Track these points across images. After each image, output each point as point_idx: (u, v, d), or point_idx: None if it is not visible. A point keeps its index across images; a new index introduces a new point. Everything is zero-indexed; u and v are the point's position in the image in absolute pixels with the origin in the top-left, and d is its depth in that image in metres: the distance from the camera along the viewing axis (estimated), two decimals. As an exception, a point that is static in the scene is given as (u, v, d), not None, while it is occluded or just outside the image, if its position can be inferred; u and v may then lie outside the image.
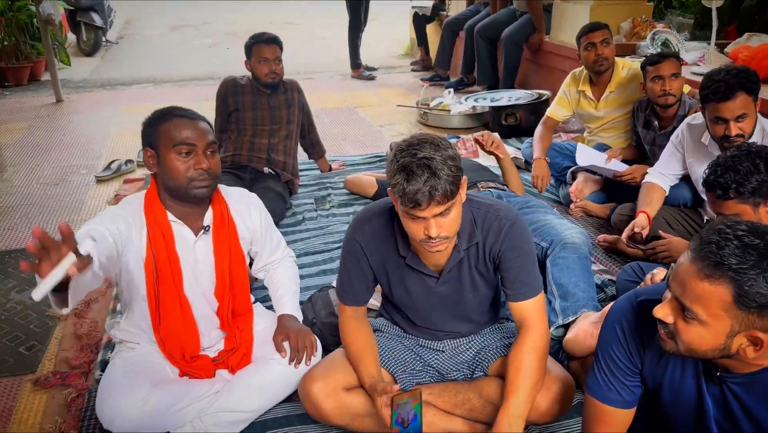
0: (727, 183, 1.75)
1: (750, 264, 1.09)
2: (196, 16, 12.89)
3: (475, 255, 1.75)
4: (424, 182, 1.47)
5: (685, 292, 1.16)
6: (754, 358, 1.19)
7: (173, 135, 1.77)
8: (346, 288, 1.85)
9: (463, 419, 1.85)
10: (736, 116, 2.28)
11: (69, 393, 2.11)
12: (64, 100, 6.01)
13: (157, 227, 1.83)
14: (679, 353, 1.24)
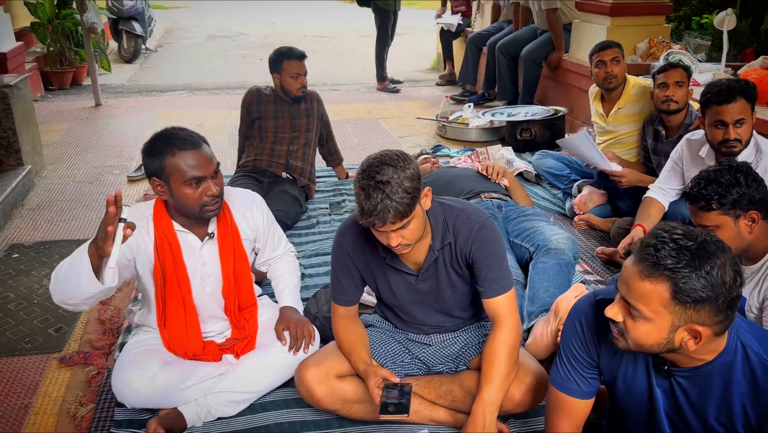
0: (709, 195, 1.84)
1: (684, 264, 1.22)
2: (233, 27, 13.30)
3: (449, 255, 1.89)
4: (377, 204, 1.62)
5: (629, 292, 1.29)
6: (695, 351, 1.31)
7: (182, 170, 1.86)
8: (337, 289, 2.01)
9: (446, 409, 1.99)
10: (735, 120, 2.38)
11: (90, 371, 2.31)
12: (103, 104, 6.33)
13: (165, 237, 1.98)
14: (629, 349, 1.36)
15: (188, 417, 1.97)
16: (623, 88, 3.56)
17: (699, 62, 4.36)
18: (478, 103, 6.05)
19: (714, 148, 2.52)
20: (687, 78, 3.11)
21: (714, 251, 1.24)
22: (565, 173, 3.71)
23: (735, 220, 1.83)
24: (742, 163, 1.90)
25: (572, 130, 4.92)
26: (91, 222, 3.61)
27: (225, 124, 5.69)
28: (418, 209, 1.72)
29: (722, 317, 1.25)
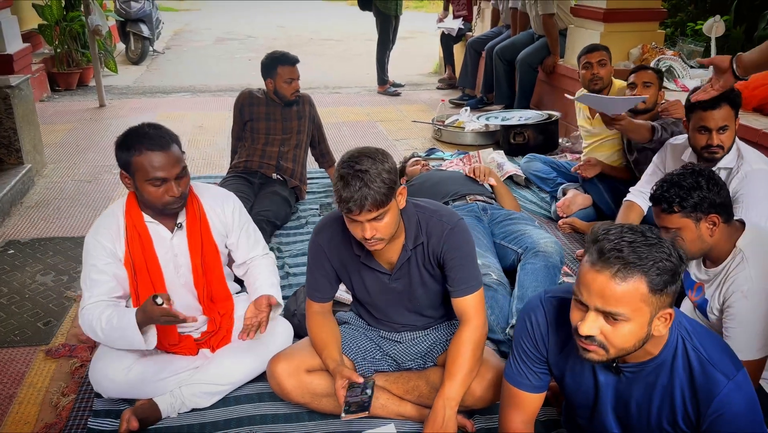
0: (671, 197, 1.88)
1: (646, 256, 1.28)
2: (242, 30, 13.42)
3: (422, 254, 1.95)
4: (356, 191, 1.68)
5: (606, 300, 1.31)
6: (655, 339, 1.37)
7: (147, 170, 1.94)
8: (312, 286, 2.07)
9: (413, 404, 2.05)
10: (719, 126, 2.41)
11: (74, 363, 2.39)
12: (107, 105, 6.44)
13: (134, 229, 2.07)
14: (610, 359, 1.38)
15: (163, 408, 2.04)
16: (609, 90, 3.60)
17: (690, 68, 4.39)
18: (477, 107, 6.10)
19: (696, 153, 2.55)
20: (658, 80, 3.18)
21: (657, 235, 1.32)
22: (551, 176, 3.76)
23: (696, 223, 1.86)
24: (705, 168, 1.95)
25: (566, 134, 4.97)
26: (87, 220, 3.69)
27: (225, 126, 5.73)
28: (393, 204, 1.78)
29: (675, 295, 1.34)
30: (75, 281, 3.01)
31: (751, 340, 1.79)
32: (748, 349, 1.77)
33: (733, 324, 1.83)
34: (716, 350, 1.42)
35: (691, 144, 2.56)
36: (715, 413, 1.36)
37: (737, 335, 1.80)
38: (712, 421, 1.36)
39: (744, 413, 1.35)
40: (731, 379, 1.36)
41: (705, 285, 2.00)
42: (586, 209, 3.50)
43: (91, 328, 2.02)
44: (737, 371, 1.38)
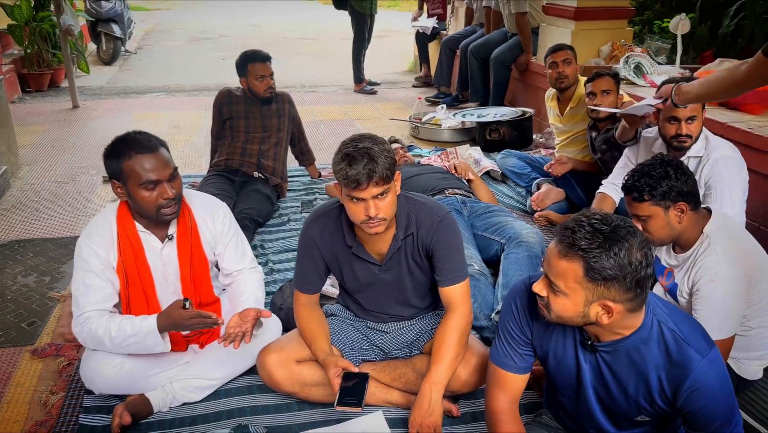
0: (641, 187, 1.97)
1: (596, 245, 1.35)
2: (216, 29, 13.34)
3: (411, 245, 2.01)
4: (363, 166, 1.75)
5: (550, 269, 1.43)
6: (612, 325, 1.44)
7: (138, 173, 1.94)
8: (301, 277, 2.11)
9: (400, 391, 2.12)
10: (687, 117, 2.52)
11: (61, 362, 2.40)
12: (80, 106, 6.38)
13: (127, 238, 2.07)
14: (553, 320, 1.49)
15: (154, 402, 2.07)
16: (575, 88, 3.72)
17: (659, 64, 4.52)
18: (452, 104, 6.18)
19: (666, 142, 2.66)
20: (615, 85, 3.28)
21: (624, 235, 1.37)
22: (526, 171, 3.86)
23: (665, 210, 1.96)
24: (673, 158, 2.04)
25: (539, 130, 5.07)
26: (66, 222, 3.68)
27: (201, 125, 5.76)
28: (393, 186, 1.85)
29: (632, 295, 1.38)
30: (58, 281, 3.01)
31: (718, 321, 1.88)
32: (717, 330, 1.87)
33: (701, 306, 1.93)
34: (690, 329, 1.50)
35: (661, 134, 2.67)
36: (690, 388, 1.44)
37: (706, 316, 1.90)
38: (688, 396, 1.45)
39: (717, 387, 1.44)
40: (705, 356, 1.44)
41: (675, 270, 2.09)
42: (560, 203, 3.60)
43: (95, 337, 2.00)
44: (710, 348, 1.46)
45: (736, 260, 1.90)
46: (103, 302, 2.04)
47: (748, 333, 2.01)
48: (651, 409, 1.55)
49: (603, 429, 1.66)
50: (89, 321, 2.00)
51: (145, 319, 1.99)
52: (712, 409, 1.45)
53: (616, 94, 3.30)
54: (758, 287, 1.93)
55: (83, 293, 2.03)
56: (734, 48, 5.10)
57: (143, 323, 1.98)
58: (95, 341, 2.02)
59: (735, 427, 1.48)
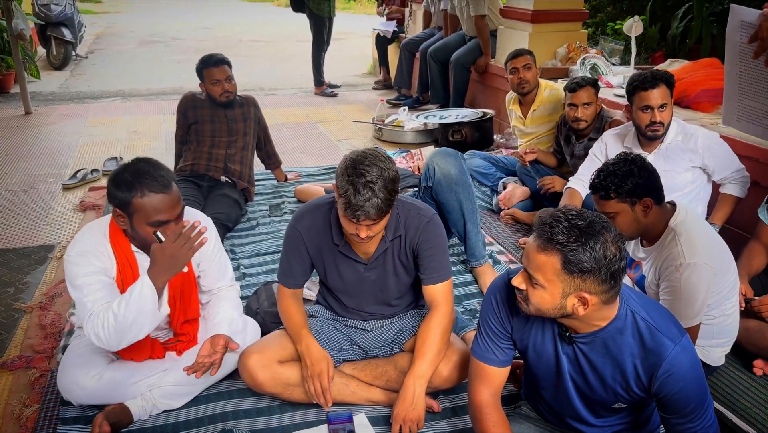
0: (608, 185, 2.05)
1: (573, 239, 1.41)
2: (167, 32, 13.11)
3: (399, 246, 2.06)
4: (365, 201, 1.76)
5: (529, 263, 1.48)
6: (588, 316, 1.50)
7: (149, 212, 1.86)
8: (286, 272, 2.13)
9: (381, 389, 2.15)
10: (659, 105, 2.67)
11: (33, 374, 2.34)
12: (33, 113, 6.20)
13: (124, 256, 2.02)
14: (531, 313, 1.55)
15: (134, 411, 2.05)
16: (536, 91, 3.82)
17: (613, 65, 4.68)
18: (414, 106, 6.25)
19: (641, 132, 2.79)
20: (595, 95, 3.35)
21: (600, 229, 1.43)
22: (491, 171, 3.95)
23: (632, 206, 2.05)
24: (637, 156, 2.13)
25: (500, 131, 5.18)
26: (27, 231, 3.59)
27: (160, 130, 5.68)
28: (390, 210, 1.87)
29: (607, 287, 1.45)
30: (23, 292, 2.93)
31: (685, 309, 1.98)
32: (683, 318, 1.97)
33: (669, 296, 2.02)
34: (662, 318, 1.58)
35: (636, 125, 2.80)
36: (664, 374, 1.51)
37: (673, 305, 1.99)
38: (663, 381, 1.52)
39: (689, 372, 1.52)
40: (677, 343, 1.52)
41: (642, 262, 2.19)
42: (525, 201, 3.69)
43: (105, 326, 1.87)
44: (681, 335, 1.55)
45: (700, 250, 2.00)
46: (110, 296, 1.93)
47: (712, 322, 2.12)
48: (627, 396, 1.62)
49: (582, 418, 1.73)
50: (96, 317, 1.89)
51: (133, 288, 1.87)
52: (686, 393, 1.53)
53: (596, 103, 3.35)
54: (720, 277, 2.04)
55: (86, 293, 1.92)
56: (683, 48, 5.32)
57: (137, 285, 1.86)
58: (111, 335, 1.88)
59: (707, 409, 1.56)
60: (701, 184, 2.80)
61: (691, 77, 3.74)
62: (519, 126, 3.97)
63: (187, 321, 2.23)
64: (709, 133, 2.77)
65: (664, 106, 2.68)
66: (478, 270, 2.95)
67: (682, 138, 2.75)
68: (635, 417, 1.74)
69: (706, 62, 3.91)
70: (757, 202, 2.63)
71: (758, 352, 2.29)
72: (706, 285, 1.98)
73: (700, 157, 2.72)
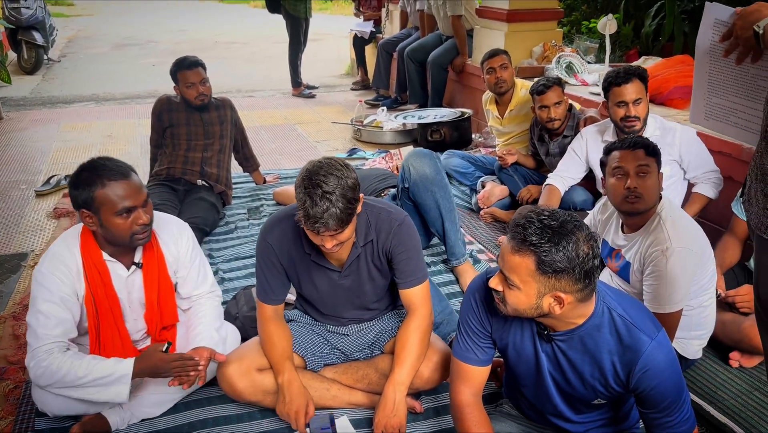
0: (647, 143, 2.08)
1: (546, 240, 1.42)
2: (141, 35, 12.97)
3: (371, 251, 2.03)
4: (323, 212, 1.73)
5: (504, 264, 1.49)
6: (564, 315, 1.51)
7: (113, 201, 1.86)
8: (264, 288, 2.06)
9: (363, 392, 2.14)
10: (633, 99, 2.72)
11: (7, 385, 2.29)
12: (4, 118, 6.09)
13: (94, 268, 1.98)
14: (509, 314, 1.55)
15: (112, 421, 2.02)
16: (513, 91, 3.84)
17: (588, 63, 4.72)
18: (392, 106, 6.26)
19: (617, 127, 2.83)
20: (562, 91, 3.38)
21: (572, 229, 1.44)
22: (470, 171, 3.96)
23: (658, 168, 2.09)
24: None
25: (478, 130, 5.20)
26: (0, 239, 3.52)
27: (135, 134, 5.62)
28: (353, 218, 1.83)
29: (582, 286, 1.46)
30: (-5, 302, 2.88)
31: (669, 294, 1.99)
32: (668, 302, 1.99)
33: (654, 281, 2.04)
34: (638, 314, 1.59)
35: (612, 119, 2.83)
36: (642, 370, 1.53)
37: (657, 289, 2.01)
38: (640, 377, 1.53)
39: (666, 367, 1.53)
40: (653, 338, 1.53)
41: (623, 249, 2.20)
42: (504, 199, 3.71)
43: (54, 374, 1.87)
44: (657, 331, 1.56)
45: (686, 236, 2.03)
46: (63, 335, 1.93)
47: (690, 312, 2.14)
48: (606, 392, 1.63)
49: (562, 414, 1.74)
50: (51, 356, 1.87)
51: (119, 362, 1.90)
52: (663, 387, 1.54)
53: (565, 100, 3.37)
54: (702, 265, 2.07)
55: (42, 324, 1.90)
56: (656, 46, 5.38)
57: (117, 366, 1.88)
58: (51, 378, 1.88)
59: (684, 403, 1.58)
60: (678, 180, 2.84)
61: (664, 74, 3.79)
62: (496, 126, 3.99)
63: (165, 328, 2.20)
64: (688, 129, 2.83)
65: (639, 101, 2.72)
66: (459, 269, 2.95)
67: (660, 132, 2.79)
68: (614, 413, 1.76)
69: (678, 59, 3.96)
70: (730, 196, 2.67)
71: (734, 344, 2.32)
72: (691, 270, 2.00)
73: (678, 150, 2.76)
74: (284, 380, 2.00)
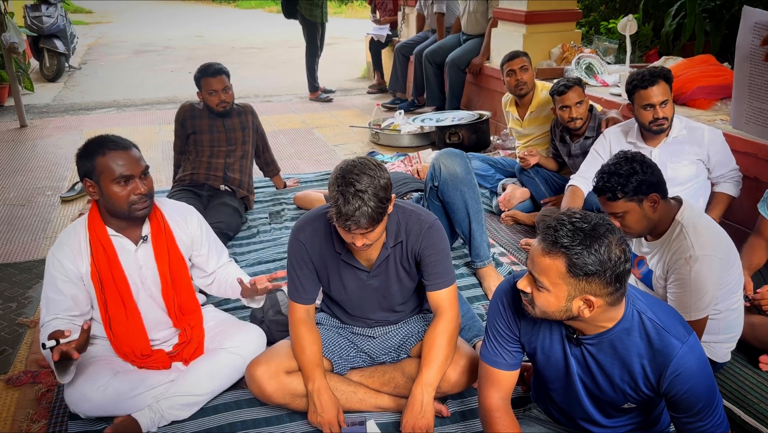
0: (613, 186, 2.05)
1: (578, 242, 1.42)
2: (159, 41, 13.10)
3: (400, 252, 2.05)
4: (354, 211, 1.75)
5: (534, 266, 1.49)
6: (594, 318, 1.51)
7: (111, 169, 1.97)
8: (296, 286, 2.09)
9: (390, 395, 2.15)
10: (660, 101, 2.69)
11: (39, 389, 2.34)
12: (28, 126, 6.19)
13: (99, 242, 2.08)
14: (537, 316, 1.55)
15: (142, 423, 2.05)
16: (533, 93, 3.83)
17: (608, 64, 4.70)
18: (409, 109, 6.27)
19: (645, 129, 2.80)
20: (583, 91, 3.36)
21: (604, 232, 1.44)
22: (490, 173, 3.96)
23: (639, 204, 2.05)
24: (636, 154, 2.13)
25: (496, 132, 5.20)
26: (26, 245, 3.58)
27: (156, 140, 5.68)
28: (384, 218, 1.86)
29: (612, 289, 1.45)
30: (25, 307, 2.92)
31: (694, 301, 1.98)
32: (692, 310, 1.97)
33: (678, 289, 2.03)
34: (669, 318, 1.58)
35: (639, 122, 2.81)
36: (673, 374, 1.52)
37: (681, 297, 2.00)
38: (671, 381, 1.53)
39: (698, 371, 1.52)
40: (684, 342, 1.52)
41: (647, 257, 2.19)
42: (525, 202, 3.70)
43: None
44: (689, 334, 1.55)
45: (709, 242, 2.01)
46: (63, 312, 2.07)
47: (717, 316, 2.12)
48: (636, 396, 1.62)
49: (592, 418, 1.73)
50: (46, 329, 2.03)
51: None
52: (695, 392, 1.53)
53: (585, 99, 3.36)
54: (728, 269, 2.05)
55: (46, 304, 2.09)
56: (677, 46, 5.34)
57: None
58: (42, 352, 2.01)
59: (717, 407, 1.57)
60: (703, 179, 2.82)
61: (686, 74, 3.76)
62: (516, 128, 3.98)
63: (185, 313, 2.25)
64: (714, 129, 2.81)
65: (666, 102, 2.70)
66: (482, 272, 2.95)
67: (687, 132, 2.78)
68: (645, 417, 1.75)
69: (701, 59, 3.92)
70: (756, 197, 2.64)
71: (764, 347, 2.30)
72: (715, 277, 1.99)
73: (706, 150, 2.75)
74: (314, 388, 2.02)
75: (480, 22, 5.62)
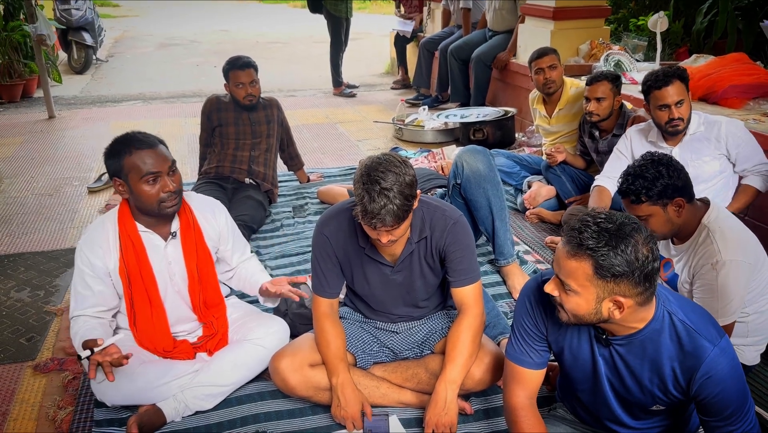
0: (638, 189, 2.02)
1: (603, 243, 1.39)
2: (185, 35, 13.21)
3: (425, 248, 2.04)
4: (380, 208, 1.75)
5: (561, 269, 1.46)
6: (624, 319, 1.48)
7: (139, 167, 1.98)
8: (320, 280, 2.09)
9: (413, 391, 2.14)
10: (675, 101, 2.64)
11: (66, 376, 2.37)
12: (57, 117, 6.28)
13: (128, 238, 2.09)
14: (570, 321, 1.53)
15: (167, 412, 2.06)
16: (562, 90, 3.78)
17: (637, 62, 4.62)
18: (433, 105, 6.23)
19: (661, 129, 2.76)
20: (612, 91, 3.27)
21: (630, 231, 1.41)
22: (515, 171, 3.92)
23: (663, 208, 2.01)
24: (663, 156, 2.08)
25: (521, 129, 5.15)
26: (54, 234, 3.63)
27: (182, 133, 5.72)
28: (409, 214, 1.85)
29: (641, 289, 1.42)
30: (52, 295, 2.97)
31: (720, 307, 1.95)
32: (720, 315, 1.94)
33: (704, 294, 1.99)
34: (700, 319, 1.55)
35: (655, 123, 2.77)
36: (704, 377, 1.49)
37: (708, 303, 1.96)
38: (702, 384, 1.50)
39: (729, 374, 1.49)
40: (716, 345, 1.49)
41: (673, 261, 2.16)
42: (551, 200, 3.66)
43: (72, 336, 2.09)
44: (720, 337, 1.52)
45: (736, 247, 1.97)
46: (90, 308, 2.10)
47: (746, 319, 2.08)
48: (665, 398, 1.59)
49: (619, 420, 1.71)
50: (74, 324, 2.09)
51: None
52: (726, 395, 1.50)
53: (613, 99, 3.29)
54: (756, 273, 2.01)
55: (74, 298, 2.13)
56: (708, 43, 5.24)
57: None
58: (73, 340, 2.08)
59: (748, 412, 1.53)
60: (729, 174, 2.77)
61: (718, 72, 3.69)
62: (544, 125, 3.93)
63: (209, 307, 2.26)
64: (733, 120, 2.75)
65: (681, 102, 2.65)
66: (506, 270, 2.93)
67: (705, 128, 2.73)
68: (674, 419, 1.72)
69: (733, 57, 3.85)
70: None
71: (795, 351, 2.25)
72: (743, 282, 1.95)
73: (724, 143, 2.70)
74: (338, 382, 2.02)
75: (506, 19, 5.57)
